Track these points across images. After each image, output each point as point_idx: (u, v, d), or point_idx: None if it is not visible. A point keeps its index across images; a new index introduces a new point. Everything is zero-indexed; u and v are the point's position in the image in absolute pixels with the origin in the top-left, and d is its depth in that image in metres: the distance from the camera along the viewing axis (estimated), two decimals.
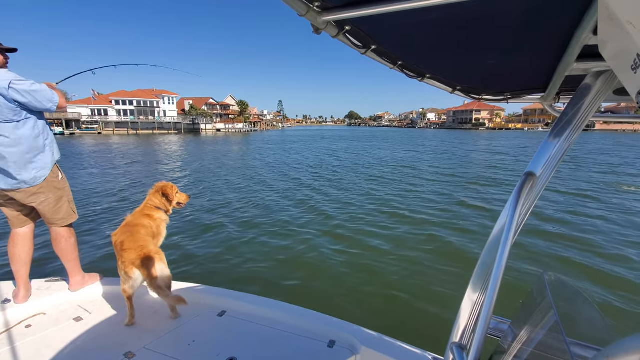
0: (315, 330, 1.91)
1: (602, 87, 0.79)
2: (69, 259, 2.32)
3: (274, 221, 6.81)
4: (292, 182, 11.52)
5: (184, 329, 1.95)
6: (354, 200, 8.66)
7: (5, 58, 2.03)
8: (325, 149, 27.34)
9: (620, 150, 25.07)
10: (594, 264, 4.76)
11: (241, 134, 64.38)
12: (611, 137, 45.16)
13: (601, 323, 0.69)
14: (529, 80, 1.10)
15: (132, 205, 7.83)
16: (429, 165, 16.63)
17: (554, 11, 0.57)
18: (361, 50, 0.76)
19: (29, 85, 1.96)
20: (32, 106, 2.00)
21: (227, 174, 13.30)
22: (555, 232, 6.11)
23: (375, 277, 4.39)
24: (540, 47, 0.78)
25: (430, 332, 3.08)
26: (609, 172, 13.71)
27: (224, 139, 46.66)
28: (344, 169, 15.19)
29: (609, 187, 10.45)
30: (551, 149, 0.79)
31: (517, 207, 0.70)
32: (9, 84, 1.88)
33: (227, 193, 9.63)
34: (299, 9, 0.57)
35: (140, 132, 60.56)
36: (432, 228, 6.42)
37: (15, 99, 1.91)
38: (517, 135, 56.92)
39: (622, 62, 0.45)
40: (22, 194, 2.06)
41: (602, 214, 7.40)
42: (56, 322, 2.02)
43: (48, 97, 2.04)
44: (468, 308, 0.81)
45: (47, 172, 2.12)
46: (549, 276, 0.76)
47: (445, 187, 10.62)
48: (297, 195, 9.30)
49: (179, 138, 47.52)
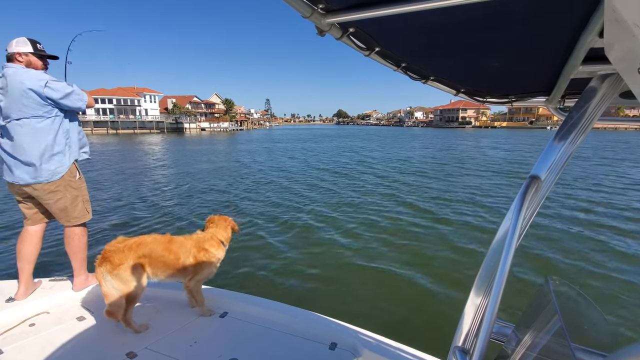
0: (317, 332, 1.91)
1: (608, 90, 0.78)
2: (77, 258, 2.38)
3: (275, 222, 6.78)
4: (289, 182, 11.19)
5: (185, 329, 1.96)
6: (355, 200, 8.62)
7: (44, 63, 2.24)
8: (324, 153, 26.17)
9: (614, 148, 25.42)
10: (599, 268, 4.68)
11: (227, 133, 62.89)
12: (594, 135, 46.41)
13: (606, 328, 0.69)
14: (534, 83, 1.09)
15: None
16: (432, 161, 16.55)
17: (560, 14, 0.57)
18: (365, 52, 0.76)
19: (64, 85, 2.16)
20: (64, 105, 2.16)
21: (215, 174, 12.71)
22: (560, 235, 6.00)
23: (376, 280, 4.37)
24: (546, 50, 0.77)
25: (432, 336, 3.05)
26: (609, 171, 13.58)
27: (209, 138, 45.54)
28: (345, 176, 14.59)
29: (610, 188, 10.32)
30: (556, 152, 0.78)
31: (521, 210, 0.69)
32: (45, 83, 2.07)
33: (223, 192, 9.55)
34: (303, 11, 0.57)
35: (121, 132, 58.53)
36: (436, 227, 6.39)
37: (50, 97, 2.09)
38: (520, 134, 57.60)
39: (629, 65, 0.46)
40: (39, 191, 2.16)
41: (607, 214, 7.33)
42: (59, 321, 2.04)
43: (80, 97, 2.22)
44: (471, 312, 0.79)
45: (64, 170, 2.21)
46: (553, 280, 0.76)
47: (449, 186, 10.47)
48: (295, 195, 9.16)
49: (161, 138, 46.25)
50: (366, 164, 17.06)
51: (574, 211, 7.67)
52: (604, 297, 3.94)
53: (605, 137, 41.43)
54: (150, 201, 8.67)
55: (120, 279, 1.79)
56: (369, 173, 13.85)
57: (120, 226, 6.55)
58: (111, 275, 1.78)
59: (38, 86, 2.03)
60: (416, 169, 15.04)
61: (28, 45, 2.13)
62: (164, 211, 7.68)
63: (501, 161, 18.14)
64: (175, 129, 67.44)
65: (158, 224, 6.73)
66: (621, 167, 15.51)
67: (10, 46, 2.12)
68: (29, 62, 2.15)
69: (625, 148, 26.26)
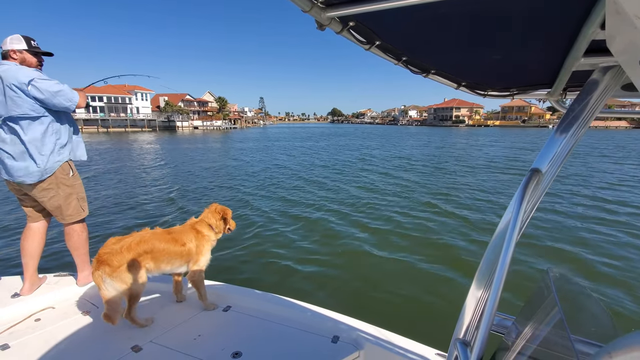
0: (320, 325, 1.93)
1: (609, 83, 0.77)
2: (79, 254, 2.42)
3: (277, 216, 6.81)
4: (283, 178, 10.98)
5: (189, 323, 1.98)
6: (354, 194, 8.70)
7: (39, 60, 2.21)
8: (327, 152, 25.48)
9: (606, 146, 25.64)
10: (600, 260, 4.71)
11: (220, 132, 62.04)
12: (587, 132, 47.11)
13: (606, 320, 0.69)
14: (535, 75, 1.09)
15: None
16: (438, 160, 16.64)
17: (561, 5, 0.57)
18: (365, 46, 0.76)
19: (51, 84, 2.10)
20: (50, 104, 2.12)
21: (214, 170, 12.44)
22: (560, 227, 6.02)
23: (378, 273, 4.38)
24: (547, 42, 0.77)
25: (434, 328, 3.05)
26: (608, 171, 13.71)
27: (202, 137, 44.88)
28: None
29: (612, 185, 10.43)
30: (557, 145, 0.77)
31: (522, 203, 0.70)
32: (29, 80, 2.03)
33: (227, 190, 9.53)
34: (303, 5, 0.56)
35: (112, 130, 57.46)
36: (437, 221, 6.38)
37: (34, 96, 2.05)
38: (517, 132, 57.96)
39: (631, 57, 0.46)
40: (32, 189, 2.18)
41: (605, 208, 7.38)
42: (65, 316, 2.06)
43: (68, 97, 2.17)
44: (472, 304, 0.80)
45: (54, 169, 2.21)
46: (553, 273, 0.76)
47: (450, 182, 10.51)
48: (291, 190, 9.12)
49: (153, 136, 45.50)
50: (369, 162, 17.06)
51: (574, 204, 7.72)
52: (604, 288, 3.94)
53: (597, 135, 41.94)
54: (148, 200, 8.40)
55: (122, 279, 1.79)
56: (372, 171, 13.81)
57: (118, 226, 6.24)
58: (111, 278, 1.77)
59: (22, 84, 2.01)
60: (419, 166, 15.13)
61: (22, 43, 2.12)
62: (158, 211, 7.40)
63: (502, 158, 18.36)
64: (167, 127, 66.38)
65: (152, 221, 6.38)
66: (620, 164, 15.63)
67: (4, 44, 2.11)
68: (23, 60, 2.14)
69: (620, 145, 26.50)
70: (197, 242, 2.06)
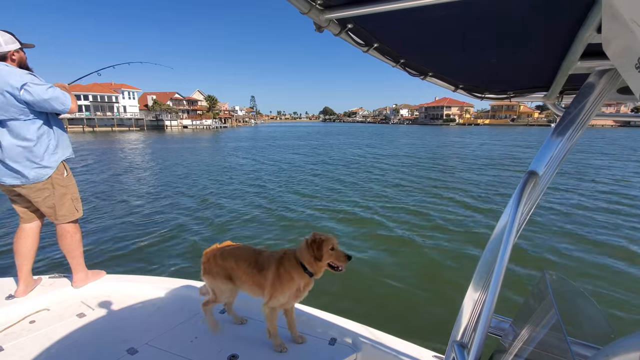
0: (317, 327, 1.93)
1: (605, 86, 0.78)
2: (73, 255, 2.37)
3: (276, 217, 6.80)
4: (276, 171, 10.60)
5: (186, 326, 1.96)
6: (354, 194, 8.62)
7: (23, 54, 2.15)
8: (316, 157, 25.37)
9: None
10: (596, 262, 4.69)
11: (210, 131, 60.94)
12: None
13: (603, 322, 0.69)
14: (532, 78, 1.09)
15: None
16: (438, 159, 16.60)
17: (558, 9, 0.57)
18: (363, 48, 0.76)
19: (44, 90, 2.04)
20: (42, 108, 2.08)
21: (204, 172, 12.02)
22: (557, 230, 6.00)
23: (376, 275, 4.35)
24: (544, 45, 0.78)
25: (431, 331, 3.06)
26: (606, 167, 13.78)
27: (192, 136, 44.01)
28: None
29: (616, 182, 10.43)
30: (554, 148, 0.77)
31: (519, 206, 0.70)
32: (22, 85, 1.96)
33: (229, 193, 9.29)
34: (301, 6, 0.56)
35: (98, 129, 56.03)
36: (435, 223, 6.30)
37: (26, 100, 2.00)
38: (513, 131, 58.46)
39: (626, 61, 0.46)
40: (27, 189, 2.14)
41: (602, 207, 7.35)
42: (60, 318, 2.04)
43: (60, 101, 2.12)
44: (469, 307, 0.80)
45: (51, 171, 2.17)
46: (550, 275, 0.76)
47: (449, 180, 10.44)
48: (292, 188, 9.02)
49: (139, 135, 44.35)
50: (370, 161, 17.06)
51: (571, 207, 7.66)
52: (601, 290, 3.89)
53: (588, 134, 42.56)
54: (147, 200, 7.94)
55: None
56: (373, 168, 13.81)
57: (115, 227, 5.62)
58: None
59: (14, 88, 1.94)
60: (421, 164, 15.30)
61: (15, 42, 2.07)
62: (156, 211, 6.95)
63: (503, 157, 18.61)
64: (155, 126, 65.04)
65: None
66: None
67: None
68: (21, 59, 2.10)
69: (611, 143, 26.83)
70: (277, 275, 1.66)
